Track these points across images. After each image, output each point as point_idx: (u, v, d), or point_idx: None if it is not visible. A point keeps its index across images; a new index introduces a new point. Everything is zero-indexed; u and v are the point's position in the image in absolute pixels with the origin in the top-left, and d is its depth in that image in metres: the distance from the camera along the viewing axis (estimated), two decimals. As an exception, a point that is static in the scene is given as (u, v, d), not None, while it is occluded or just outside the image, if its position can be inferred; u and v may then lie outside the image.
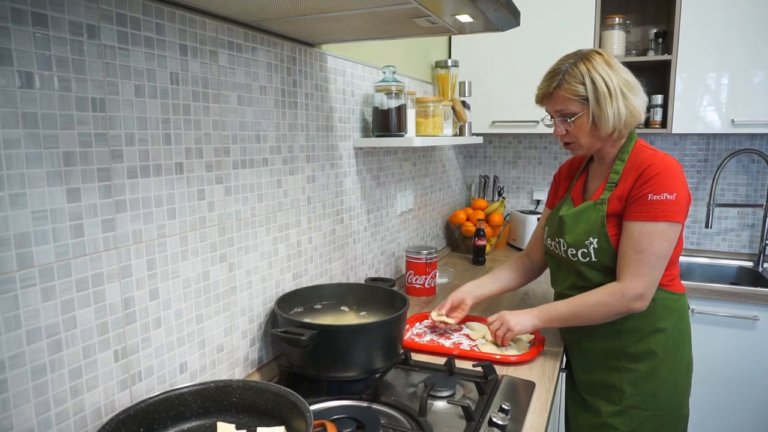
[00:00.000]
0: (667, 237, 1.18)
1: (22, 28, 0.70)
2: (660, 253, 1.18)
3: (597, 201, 1.27)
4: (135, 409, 0.82)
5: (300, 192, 1.35)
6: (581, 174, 1.41)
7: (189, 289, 1.01)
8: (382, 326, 1.14)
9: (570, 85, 1.21)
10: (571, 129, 1.26)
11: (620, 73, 1.22)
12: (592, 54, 1.23)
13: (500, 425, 1.01)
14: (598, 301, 1.23)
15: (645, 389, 1.27)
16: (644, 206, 1.18)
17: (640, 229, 1.18)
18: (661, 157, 1.21)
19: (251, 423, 0.89)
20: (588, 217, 1.28)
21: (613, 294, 1.21)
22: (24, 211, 0.71)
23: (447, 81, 2.18)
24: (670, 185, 1.17)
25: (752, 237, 2.47)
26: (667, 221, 1.17)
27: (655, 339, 1.26)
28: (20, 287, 0.71)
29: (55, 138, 0.75)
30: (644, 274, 1.18)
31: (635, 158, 1.25)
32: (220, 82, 1.05)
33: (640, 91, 1.24)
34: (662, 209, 1.16)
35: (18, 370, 0.72)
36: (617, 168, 1.27)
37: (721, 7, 2.08)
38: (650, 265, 1.18)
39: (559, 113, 1.26)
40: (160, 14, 0.91)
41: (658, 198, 1.16)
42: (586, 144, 1.27)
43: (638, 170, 1.21)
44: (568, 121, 1.24)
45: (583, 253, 1.28)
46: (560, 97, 1.24)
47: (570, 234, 1.30)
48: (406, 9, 0.96)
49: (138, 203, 0.89)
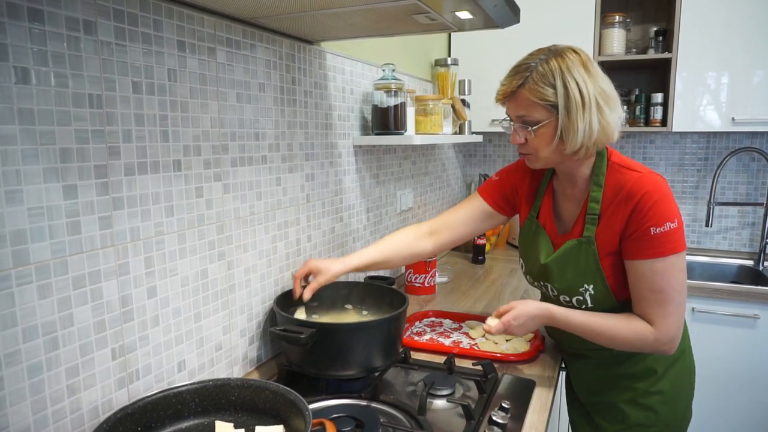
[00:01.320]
0: (679, 268, 1.06)
1: (18, 23, 0.69)
2: (679, 287, 1.06)
3: (582, 240, 1.12)
4: (133, 408, 0.82)
5: (299, 190, 1.34)
6: (546, 190, 1.24)
7: (187, 287, 1.01)
8: (381, 325, 1.13)
9: (537, 86, 1.03)
10: (531, 138, 1.08)
11: (598, 80, 1.03)
12: (568, 52, 1.04)
13: (500, 424, 1.01)
14: (627, 340, 1.09)
15: (647, 406, 1.19)
16: (649, 242, 1.04)
17: (651, 268, 1.05)
18: (648, 180, 1.06)
19: (250, 422, 0.88)
20: (576, 260, 1.13)
21: (645, 339, 1.07)
22: (20, 208, 0.71)
23: (447, 79, 2.18)
24: (669, 212, 1.03)
25: (753, 235, 2.47)
26: (676, 253, 1.04)
27: (653, 357, 1.18)
28: (16, 284, 0.71)
29: (52, 134, 0.74)
30: (671, 313, 1.06)
31: (617, 182, 1.08)
32: (218, 79, 1.04)
33: (617, 105, 1.06)
34: (669, 242, 1.04)
35: (14, 368, 0.71)
36: (595, 195, 1.11)
37: (721, 6, 2.07)
38: (674, 303, 1.06)
39: (521, 119, 1.07)
40: (158, 10, 0.90)
41: (662, 230, 1.03)
42: (544, 158, 1.10)
43: (628, 201, 1.06)
44: (530, 129, 1.06)
45: (578, 300, 1.16)
46: (523, 100, 1.05)
47: (558, 281, 1.17)
48: (406, 5, 0.96)
49: (135, 200, 0.88)
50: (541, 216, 1.23)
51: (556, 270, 1.17)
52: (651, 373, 1.18)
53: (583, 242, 1.12)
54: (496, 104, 1.14)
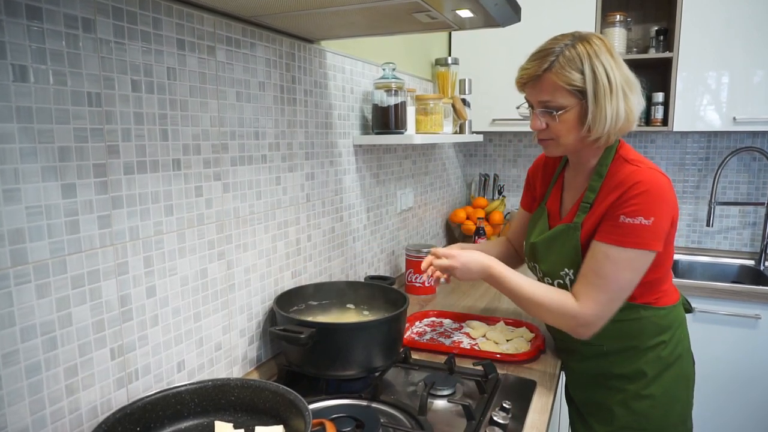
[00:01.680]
0: (633, 267, 1.04)
1: (16, 20, 0.69)
2: (623, 283, 1.04)
3: (570, 225, 1.13)
4: (132, 408, 0.81)
5: (299, 189, 1.34)
6: (557, 180, 1.27)
7: (186, 287, 1.00)
8: (381, 324, 1.13)
9: (564, 71, 1.02)
10: (553, 124, 1.06)
11: (622, 67, 1.04)
12: (594, 38, 1.04)
13: (501, 424, 1.00)
14: (547, 307, 1.10)
15: (636, 409, 1.16)
16: (615, 228, 1.03)
17: (606, 252, 1.04)
18: (644, 174, 1.04)
19: (249, 422, 0.88)
20: (561, 244, 1.14)
21: (565, 312, 1.08)
22: (18, 207, 0.70)
23: (447, 78, 2.17)
24: (648, 209, 1.01)
25: (754, 235, 2.46)
26: (637, 249, 1.02)
27: (645, 358, 1.15)
28: (14, 284, 0.70)
29: (50, 133, 0.74)
30: (600, 302, 1.05)
31: (615, 173, 1.08)
32: (218, 78, 1.04)
33: (639, 92, 1.07)
34: (634, 235, 1.01)
35: (12, 368, 0.71)
36: (594, 185, 1.11)
37: (722, 5, 2.07)
38: (609, 295, 1.05)
39: (544, 104, 1.06)
40: (158, 8, 0.90)
41: (631, 222, 1.01)
42: (566, 144, 1.09)
43: (617, 189, 1.05)
44: (554, 114, 1.05)
45: (558, 284, 1.16)
46: (549, 84, 1.04)
47: (544, 262, 1.19)
48: (406, 4, 0.95)
49: (135, 200, 0.88)
50: (548, 202, 1.27)
51: (542, 250, 1.19)
52: (641, 376, 1.16)
53: (571, 227, 1.13)
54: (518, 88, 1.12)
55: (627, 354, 1.17)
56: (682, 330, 1.21)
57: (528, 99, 1.11)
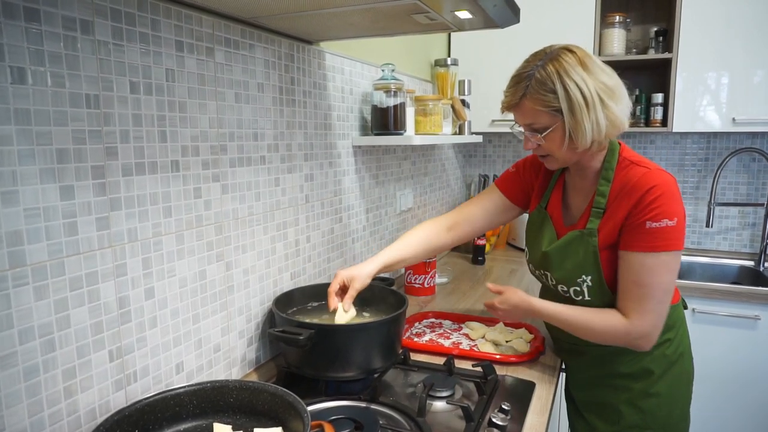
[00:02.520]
0: (670, 268, 1.06)
1: (14, 22, 0.69)
2: (665, 286, 1.07)
3: (584, 231, 1.13)
4: (130, 410, 0.81)
5: (298, 190, 1.34)
6: (556, 183, 1.26)
7: (185, 289, 1.00)
8: (380, 326, 1.13)
9: (539, 95, 1.04)
10: (543, 144, 1.10)
11: (598, 76, 1.03)
12: (563, 54, 1.04)
13: (500, 426, 1.00)
14: (598, 330, 1.11)
15: (643, 407, 1.18)
16: (643, 235, 1.05)
17: (641, 261, 1.06)
18: (655, 176, 1.06)
19: (248, 424, 0.88)
20: (576, 251, 1.14)
21: (615, 330, 1.09)
22: (16, 209, 0.70)
23: (446, 79, 2.17)
24: (669, 210, 1.03)
25: (753, 236, 2.46)
26: (669, 251, 1.05)
27: (651, 356, 1.17)
28: (12, 286, 0.70)
29: (48, 135, 0.74)
30: (650, 310, 1.07)
31: (624, 177, 1.10)
32: (216, 79, 1.04)
33: (622, 96, 1.06)
34: (663, 238, 1.04)
35: (10, 370, 0.71)
36: (602, 189, 1.12)
37: (721, 6, 2.07)
38: (656, 300, 1.07)
39: (529, 127, 1.10)
40: (156, 10, 0.90)
41: (658, 225, 1.04)
42: (561, 158, 1.12)
43: (633, 194, 1.07)
44: (539, 135, 1.09)
45: (575, 291, 1.16)
46: (528, 109, 1.07)
47: (558, 270, 1.18)
48: (405, 5, 0.95)
49: (133, 201, 0.88)
50: (549, 206, 1.25)
51: (556, 259, 1.18)
52: (648, 374, 1.18)
53: (585, 234, 1.13)
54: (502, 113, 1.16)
55: (633, 353, 1.17)
56: (684, 328, 1.24)
57: (516, 121, 1.14)
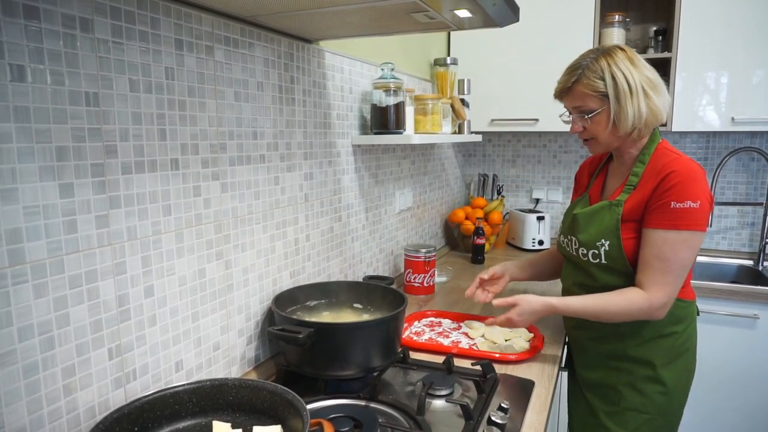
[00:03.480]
0: (690, 245, 1.15)
1: (14, 20, 0.69)
2: (684, 262, 1.16)
3: (613, 202, 1.24)
4: (129, 408, 0.81)
5: (297, 189, 1.34)
6: (600, 172, 1.39)
7: (185, 287, 1.00)
8: (380, 324, 1.13)
9: (589, 81, 1.19)
10: (588, 126, 1.23)
11: (643, 70, 1.18)
12: (614, 50, 1.20)
13: (499, 424, 1.00)
14: (619, 308, 1.19)
15: (645, 391, 1.25)
16: (667, 214, 1.14)
17: (663, 237, 1.15)
18: (684, 162, 1.17)
19: (247, 422, 0.88)
20: (602, 218, 1.25)
21: (637, 304, 1.17)
22: (15, 207, 0.70)
23: (446, 79, 2.17)
24: (693, 192, 1.13)
25: (752, 235, 2.46)
26: (690, 230, 1.14)
27: (658, 344, 1.24)
28: (12, 284, 0.70)
29: (48, 132, 0.74)
30: (669, 283, 1.16)
31: (657, 161, 1.21)
32: (216, 78, 1.04)
33: (663, 91, 1.20)
34: (686, 218, 1.13)
35: (9, 368, 0.71)
36: (637, 170, 1.24)
37: (721, 5, 2.07)
38: (675, 274, 1.16)
39: (578, 109, 1.23)
40: (156, 8, 0.90)
41: (682, 206, 1.13)
42: (604, 141, 1.24)
43: (659, 175, 1.17)
44: (586, 117, 1.22)
45: (593, 254, 1.25)
46: (579, 93, 1.21)
47: (583, 233, 1.28)
48: (405, 3, 0.95)
49: (132, 199, 0.88)
50: (591, 190, 1.38)
51: (583, 222, 1.29)
52: (652, 361, 1.25)
53: (613, 204, 1.24)
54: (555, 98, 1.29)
55: (643, 338, 1.25)
56: (693, 326, 1.31)
57: (565, 107, 1.28)
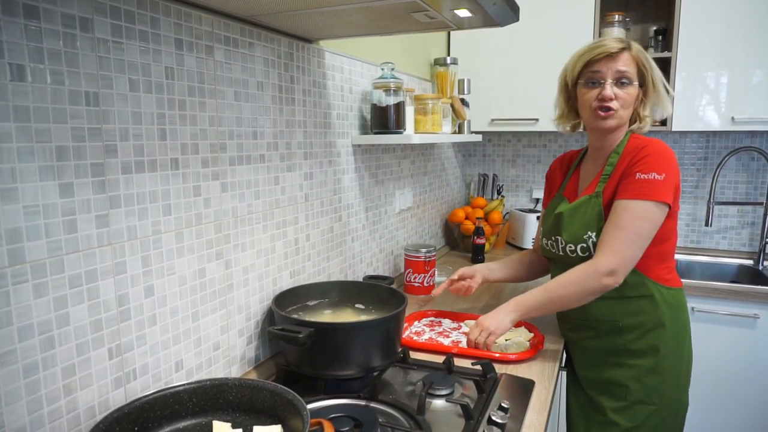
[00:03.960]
0: (649, 217, 1.16)
1: (13, 19, 0.69)
2: (640, 232, 1.16)
3: (592, 194, 1.27)
4: (129, 408, 0.81)
5: (297, 189, 1.34)
6: (573, 172, 1.41)
7: (185, 287, 1.00)
8: (380, 324, 1.13)
9: (638, 54, 1.25)
10: (621, 94, 1.24)
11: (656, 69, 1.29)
12: None
13: (499, 424, 1.00)
14: (570, 280, 1.21)
15: (649, 384, 1.27)
16: (631, 185, 1.18)
17: (624, 206, 1.18)
18: (655, 142, 1.23)
19: (247, 422, 0.88)
20: (584, 212, 1.27)
21: (584, 271, 1.19)
22: (15, 206, 0.70)
23: (446, 78, 2.17)
24: (660, 166, 1.17)
25: (752, 235, 2.46)
26: (652, 200, 1.16)
27: (657, 334, 1.26)
28: (12, 283, 0.70)
29: (48, 132, 0.74)
30: (619, 250, 1.16)
31: (630, 147, 1.26)
32: (216, 78, 1.04)
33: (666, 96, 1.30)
34: (648, 188, 1.16)
35: (9, 367, 0.71)
36: (612, 160, 1.27)
37: (721, 5, 2.07)
38: (627, 243, 1.16)
39: (621, 74, 1.24)
40: (155, 8, 0.89)
41: (646, 177, 1.16)
42: (623, 116, 1.26)
43: (632, 154, 1.22)
44: (625, 83, 1.24)
45: (582, 248, 1.26)
46: (627, 58, 1.24)
47: (567, 230, 1.29)
48: (405, 3, 0.95)
49: (132, 199, 0.88)
50: (566, 191, 1.39)
51: (567, 219, 1.29)
52: (653, 352, 1.26)
53: (593, 196, 1.26)
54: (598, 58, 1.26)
55: (640, 330, 1.26)
56: (685, 314, 1.33)
57: (599, 71, 1.25)
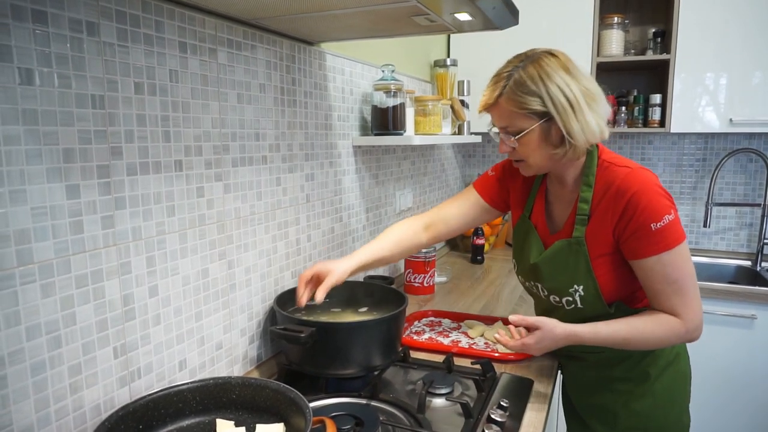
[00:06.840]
0: (687, 256, 1.07)
1: (22, 24, 0.70)
2: (690, 272, 1.07)
3: (572, 240, 1.11)
4: (134, 406, 0.82)
5: (299, 190, 1.35)
6: (538, 193, 1.23)
7: (188, 287, 1.01)
8: (380, 324, 1.14)
9: (516, 96, 1.01)
10: (516, 147, 1.07)
11: (581, 80, 1.03)
12: (545, 57, 1.02)
13: (499, 422, 1.01)
14: (660, 337, 1.08)
15: (638, 410, 1.19)
16: (653, 238, 1.03)
17: (661, 261, 1.04)
18: (636, 175, 1.05)
19: (250, 420, 0.89)
20: (566, 261, 1.12)
21: (676, 331, 1.08)
22: (23, 208, 0.71)
23: (446, 80, 2.18)
24: (663, 205, 1.03)
25: (750, 236, 2.48)
26: (679, 243, 1.05)
27: (648, 359, 1.18)
28: (20, 283, 0.71)
29: (55, 135, 0.75)
30: (692, 299, 1.07)
31: (605, 180, 1.08)
32: (219, 80, 1.05)
33: (603, 103, 1.05)
34: (671, 234, 1.03)
35: (17, 366, 0.72)
36: (585, 195, 1.10)
37: (720, 7, 2.08)
38: (691, 289, 1.07)
39: (504, 129, 1.07)
40: (160, 12, 0.91)
41: (662, 224, 1.02)
42: (535, 164, 1.09)
43: (618, 200, 1.05)
44: (513, 138, 1.06)
45: (567, 301, 1.15)
46: (504, 110, 1.05)
47: (548, 281, 1.17)
48: (405, 7, 0.97)
49: (137, 200, 0.89)
50: (533, 216, 1.22)
51: (546, 270, 1.16)
52: (644, 377, 1.18)
53: (573, 243, 1.11)
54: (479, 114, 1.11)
55: (629, 358, 1.18)
56: None
57: (492, 122, 1.11)
